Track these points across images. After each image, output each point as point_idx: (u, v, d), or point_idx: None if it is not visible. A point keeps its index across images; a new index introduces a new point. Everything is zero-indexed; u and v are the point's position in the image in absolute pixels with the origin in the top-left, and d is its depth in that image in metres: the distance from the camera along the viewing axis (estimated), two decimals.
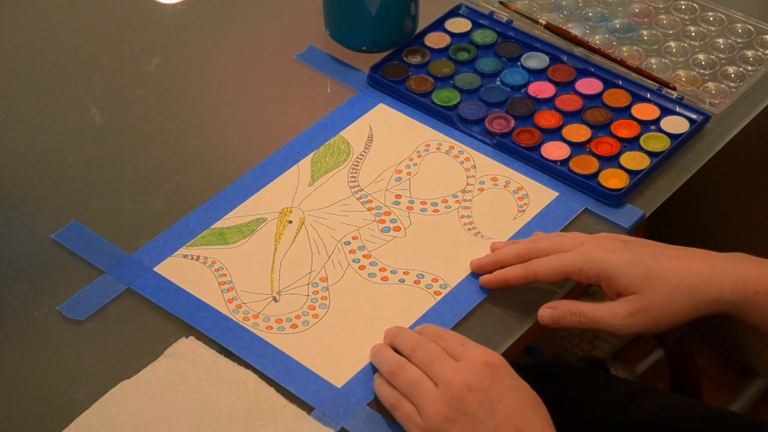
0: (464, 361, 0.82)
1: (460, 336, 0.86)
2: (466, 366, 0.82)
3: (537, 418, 0.81)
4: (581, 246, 0.89)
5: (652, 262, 0.87)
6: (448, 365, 0.82)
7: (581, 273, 0.88)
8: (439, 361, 0.83)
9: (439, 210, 1.00)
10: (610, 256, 0.88)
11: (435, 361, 0.83)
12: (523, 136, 1.05)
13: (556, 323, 0.89)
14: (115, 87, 1.13)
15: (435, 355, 0.83)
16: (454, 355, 0.83)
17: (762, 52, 1.14)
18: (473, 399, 0.80)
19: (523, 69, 1.12)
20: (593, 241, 0.90)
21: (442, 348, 0.84)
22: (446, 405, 0.80)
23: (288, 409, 0.85)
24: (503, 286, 0.92)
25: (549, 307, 0.89)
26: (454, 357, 0.83)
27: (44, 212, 1.01)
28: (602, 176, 1.02)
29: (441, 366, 0.82)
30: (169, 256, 0.96)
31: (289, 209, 1.00)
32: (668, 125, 1.06)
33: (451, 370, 0.82)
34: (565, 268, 0.89)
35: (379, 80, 1.11)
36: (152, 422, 0.84)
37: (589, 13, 1.18)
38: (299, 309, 0.92)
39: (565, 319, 0.89)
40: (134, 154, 1.06)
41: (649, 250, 0.89)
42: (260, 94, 1.12)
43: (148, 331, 0.91)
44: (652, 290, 0.87)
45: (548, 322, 0.89)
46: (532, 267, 0.90)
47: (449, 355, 0.83)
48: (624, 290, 0.87)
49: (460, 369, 0.82)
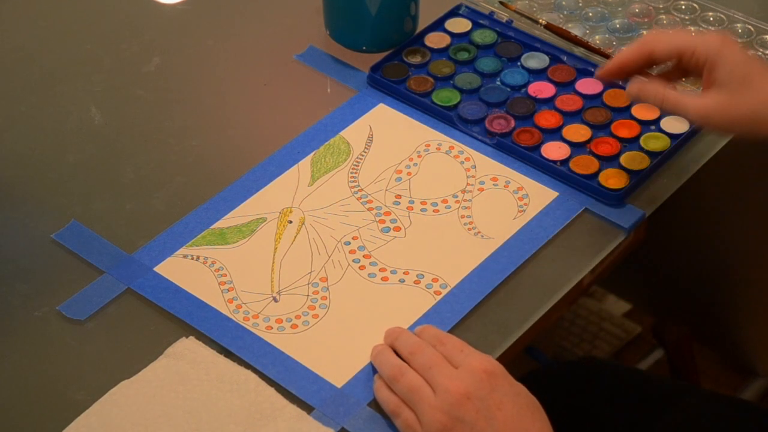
0: (463, 369, 0.82)
1: (459, 341, 0.86)
2: (465, 373, 0.82)
3: (536, 424, 0.81)
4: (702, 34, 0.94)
5: (758, 69, 0.90)
6: (446, 372, 0.82)
7: (693, 54, 0.92)
8: (438, 367, 0.83)
9: (439, 210, 1.00)
10: (725, 49, 0.91)
11: (434, 367, 0.83)
12: (523, 136, 1.05)
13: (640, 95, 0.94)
14: (115, 87, 1.13)
15: (434, 360, 0.83)
16: (453, 361, 0.83)
17: (762, 52, 1.14)
18: (471, 407, 0.80)
19: (523, 69, 1.12)
20: (716, 32, 0.95)
21: (441, 353, 0.84)
22: (444, 413, 0.80)
23: (288, 409, 0.85)
24: (620, 72, 0.96)
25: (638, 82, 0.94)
26: (453, 363, 0.83)
27: (44, 212, 1.01)
28: (602, 176, 1.02)
29: (439, 373, 0.82)
30: (169, 256, 0.96)
31: (289, 209, 1.00)
32: (668, 125, 1.06)
33: (450, 377, 0.81)
34: (682, 44, 0.92)
35: (379, 80, 1.11)
36: (152, 422, 0.84)
37: (589, 13, 1.18)
38: (299, 309, 0.92)
39: (649, 95, 0.94)
40: (134, 154, 1.06)
41: (762, 64, 0.92)
42: (260, 94, 1.12)
43: (148, 331, 0.91)
44: (745, 93, 0.90)
45: (634, 94, 0.95)
46: (648, 41, 0.94)
47: (448, 361, 0.83)
48: (720, 82, 0.90)
49: (458, 377, 0.81)
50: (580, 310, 1.72)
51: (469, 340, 0.89)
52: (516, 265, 0.95)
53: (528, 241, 0.97)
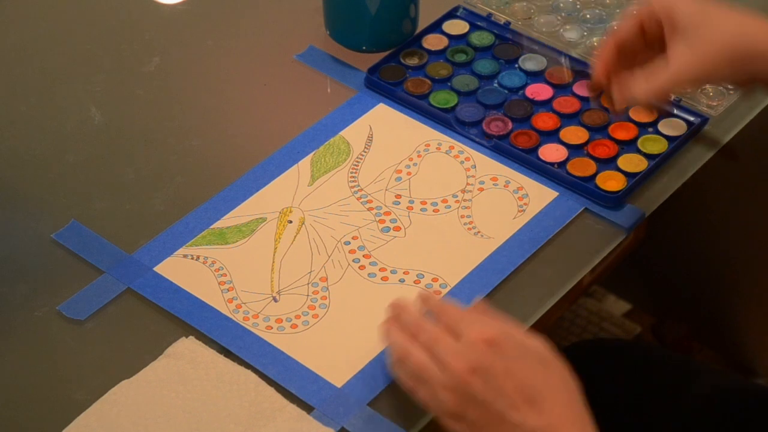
0: (463, 342, 0.79)
1: (459, 311, 0.82)
2: (465, 347, 0.78)
3: (548, 382, 0.77)
4: None
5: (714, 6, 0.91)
6: (448, 349, 0.79)
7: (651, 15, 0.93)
8: (439, 343, 0.79)
9: (439, 210, 1.00)
10: None
11: (436, 344, 0.79)
12: (520, 138, 1.06)
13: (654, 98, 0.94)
14: (115, 87, 1.13)
15: (435, 337, 0.80)
16: (456, 333, 0.80)
17: None
18: (478, 383, 0.77)
19: (520, 71, 1.12)
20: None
21: (444, 324, 0.81)
22: (452, 392, 0.78)
23: (288, 409, 0.85)
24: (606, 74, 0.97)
25: None
26: (455, 335, 0.80)
27: (44, 212, 1.01)
28: (599, 178, 1.02)
29: (442, 350, 0.79)
30: (169, 256, 0.96)
31: (289, 209, 1.00)
32: (666, 127, 1.07)
33: (452, 354, 0.78)
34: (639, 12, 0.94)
35: (376, 82, 1.11)
36: (152, 422, 0.84)
37: (586, 15, 1.18)
38: (299, 309, 0.92)
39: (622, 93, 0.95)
40: (134, 154, 1.06)
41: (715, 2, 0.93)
42: (260, 94, 1.12)
43: (148, 331, 0.91)
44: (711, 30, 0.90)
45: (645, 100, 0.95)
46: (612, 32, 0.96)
47: (451, 333, 0.80)
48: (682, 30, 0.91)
49: (459, 352, 0.78)
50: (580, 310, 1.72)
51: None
52: (516, 265, 0.96)
53: (528, 240, 0.97)
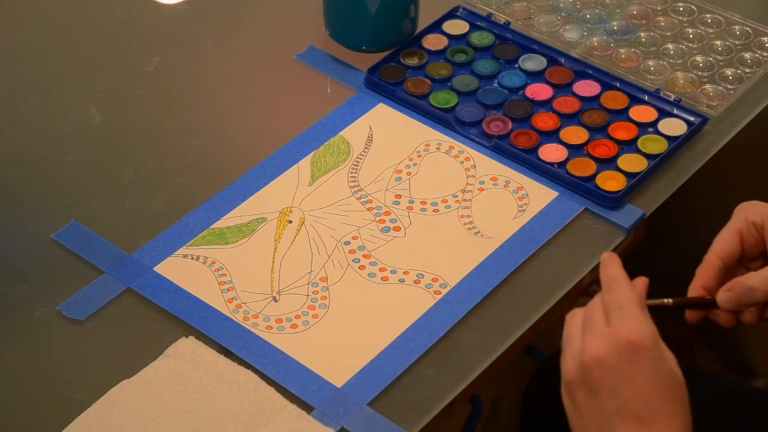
0: (610, 330, 0.77)
1: (625, 295, 0.79)
2: (607, 338, 0.77)
3: (665, 408, 0.75)
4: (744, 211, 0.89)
5: None
6: (594, 330, 0.77)
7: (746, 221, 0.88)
8: (591, 323, 0.78)
9: (439, 210, 1.00)
10: None
11: (588, 321, 0.78)
12: (520, 138, 1.06)
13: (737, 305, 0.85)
14: (115, 87, 1.13)
15: (592, 315, 0.79)
16: (610, 317, 0.78)
17: (760, 55, 1.14)
18: (599, 373, 0.76)
19: (520, 71, 1.12)
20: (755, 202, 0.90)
21: (605, 302, 0.79)
22: (575, 371, 0.77)
23: (288, 409, 0.85)
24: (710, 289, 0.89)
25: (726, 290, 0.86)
26: (608, 319, 0.78)
27: (44, 212, 1.01)
28: (599, 178, 1.02)
29: (589, 329, 0.78)
30: (169, 256, 0.96)
31: (289, 209, 1.00)
32: (666, 127, 1.07)
33: (593, 337, 0.77)
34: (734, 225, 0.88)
35: (376, 82, 1.11)
36: (152, 422, 0.84)
37: (586, 15, 1.18)
38: (299, 309, 0.92)
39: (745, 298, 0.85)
40: (134, 154, 1.06)
41: None
42: (260, 94, 1.12)
43: (148, 331, 0.91)
44: None
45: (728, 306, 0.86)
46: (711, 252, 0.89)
47: (606, 315, 0.78)
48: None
49: (600, 338, 0.77)
50: None
51: (469, 340, 0.90)
52: (516, 265, 0.96)
53: (528, 240, 0.98)
